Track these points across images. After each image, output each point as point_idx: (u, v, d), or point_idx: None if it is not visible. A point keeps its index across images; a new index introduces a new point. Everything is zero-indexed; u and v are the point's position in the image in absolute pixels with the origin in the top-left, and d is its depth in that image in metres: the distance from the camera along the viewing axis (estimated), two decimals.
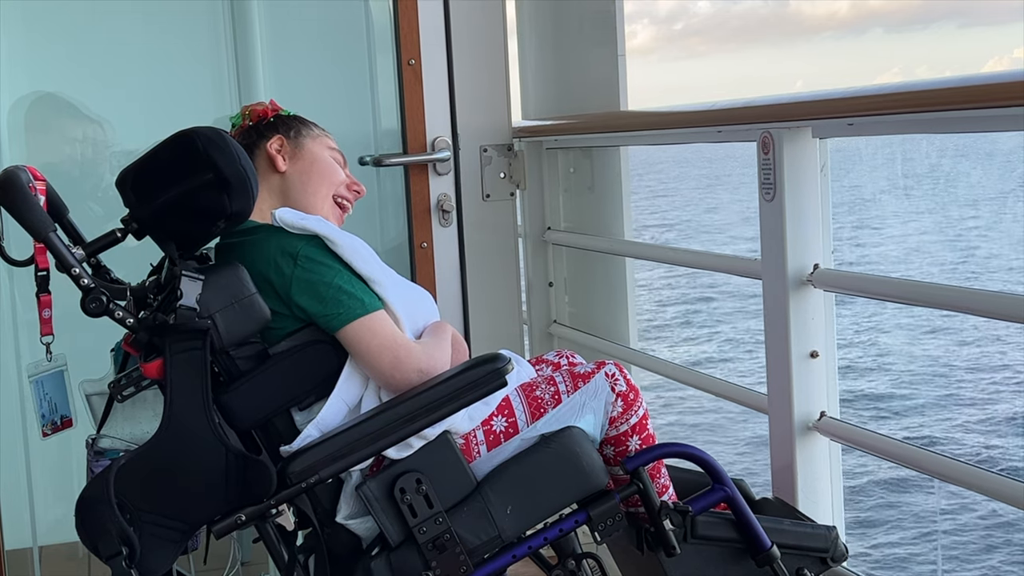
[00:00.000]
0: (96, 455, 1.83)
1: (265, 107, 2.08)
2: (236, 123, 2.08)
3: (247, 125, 2.06)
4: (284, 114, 2.08)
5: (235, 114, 2.10)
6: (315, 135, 2.07)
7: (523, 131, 3.18)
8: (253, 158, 1.99)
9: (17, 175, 1.70)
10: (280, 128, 2.04)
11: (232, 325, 1.73)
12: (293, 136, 2.04)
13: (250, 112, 2.07)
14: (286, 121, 2.06)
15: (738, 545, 1.91)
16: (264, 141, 2.02)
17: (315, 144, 2.05)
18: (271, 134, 2.03)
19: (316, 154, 2.04)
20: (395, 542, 1.78)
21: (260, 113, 2.06)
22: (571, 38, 3.24)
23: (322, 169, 2.04)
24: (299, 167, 2.02)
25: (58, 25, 2.90)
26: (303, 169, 2.02)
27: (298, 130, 2.05)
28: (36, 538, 2.90)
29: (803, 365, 2.17)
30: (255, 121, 2.06)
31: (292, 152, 2.03)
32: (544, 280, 3.32)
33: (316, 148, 2.05)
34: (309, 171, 2.03)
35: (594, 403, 1.89)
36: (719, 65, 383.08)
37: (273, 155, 2.01)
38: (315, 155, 2.04)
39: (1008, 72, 1.64)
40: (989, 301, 1.88)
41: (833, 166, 2.19)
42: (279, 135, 2.03)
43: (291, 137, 2.04)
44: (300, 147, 2.03)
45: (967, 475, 1.91)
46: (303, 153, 2.03)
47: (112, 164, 2.91)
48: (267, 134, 2.03)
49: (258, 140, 2.03)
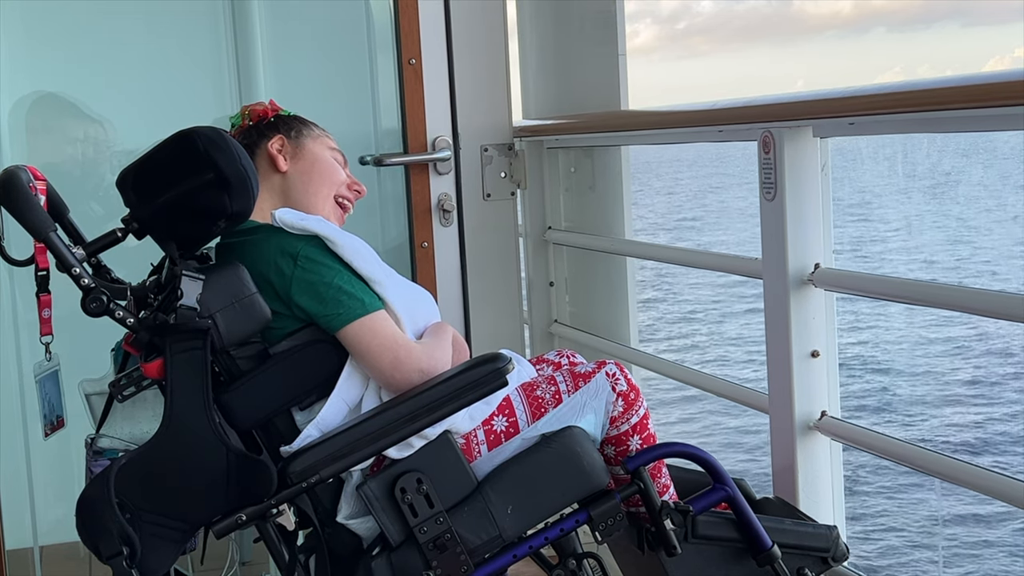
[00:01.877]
0: (95, 455, 1.83)
1: (265, 107, 2.07)
2: (236, 123, 2.07)
3: (247, 125, 2.05)
4: (284, 114, 2.07)
5: (235, 114, 2.10)
6: (316, 135, 2.06)
7: (524, 130, 3.18)
8: (253, 158, 1.99)
9: (18, 175, 1.70)
10: (281, 128, 2.04)
11: (233, 325, 1.73)
12: (294, 136, 2.03)
13: (250, 112, 2.06)
14: (287, 121, 2.06)
15: (739, 545, 1.91)
16: (265, 141, 2.02)
17: (316, 144, 2.05)
18: (272, 134, 2.03)
19: (317, 154, 2.04)
20: (396, 542, 1.78)
21: (260, 113, 2.06)
22: (572, 37, 3.24)
23: (323, 169, 2.03)
24: (300, 167, 2.02)
25: (59, 25, 2.89)
26: (304, 169, 2.02)
27: (299, 130, 2.05)
28: (37, 538, 2.89)
29: (804, 365, 2.17)
30: (255, 121, 2.05)
31: (293, 152, 2.02)
32: (545, 280, 3.32)
33: (317, 148, 2.05)
34: (310, 171, 2.02)
35: (595, 403, 1.89)
36: (721, 64, 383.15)
37: (274, 155, 2.01)
38: (316, 155, 2.04)
39: (1008, 71, 1.64)
40: (991, 301, 1.87)
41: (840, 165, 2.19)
42: (280, 135, 2.03)
43: (292, 137, 2.03)
44: (301, 147, 2.03)
45: (970, 474, 1.91)
46: (304, 153, 2.03)
47: (113, 164, 2.91)
48: (268, 134, 2.03)
49: (259, 140, 2.02)
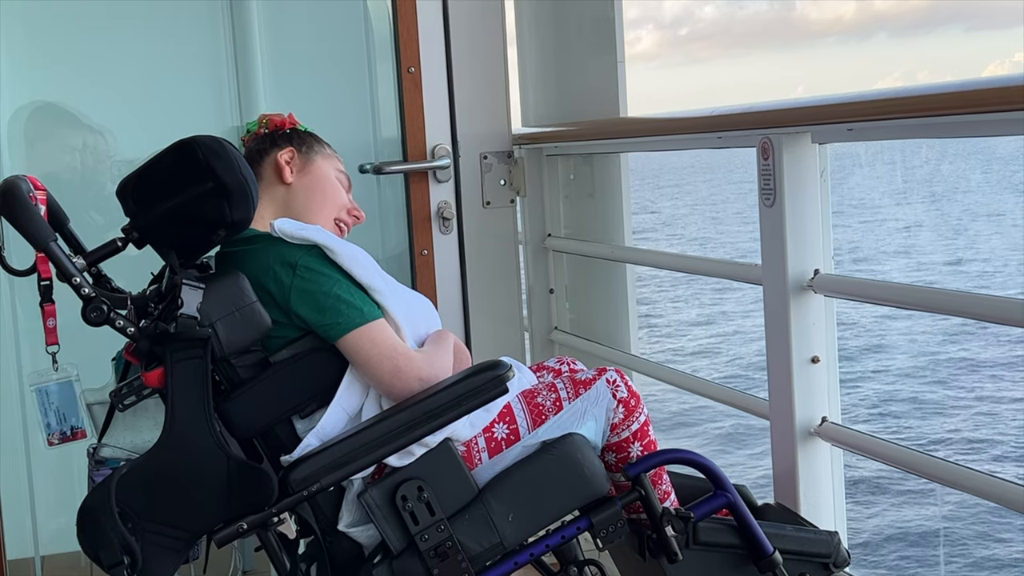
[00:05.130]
0: (97, 464, 1.83)
1: (284, 119, 2.10)
2: (251, 129, 2.09)
3: (262, 132, 2.07)
4: (301, 129, 2.09)
5: (252, 120, 2.12)
6: (327, 154, 2.09)
7: (523, 138, 3.18)
8: (261, 165, 2.01)
9: (18, 185, 1.71)
10: (294, 141, 2.06)
11: (233, 333, 1.74)
12: (305, 151, 2.05)
13: (267, 120, 2.09)
14: (301, 135, 2.08)
15: (740, 551, 1.91)
16: (276, 150, 2.03)
17: (325, 163, 2.07)
18: (284, 144, 2.05)
19: (324, 172, 2.06)
20: (397, 550, 1.78)
21: (277, 123, 2.09)
22: (571, 45, 3.25)
23: (327, 188, 2.05)
24: (306, 182, 2.03)
25: (59, 35, 2.90)
26: (309, 185, 2.03)
27: (311, 146, 2.07)
28: (38, 548, 2.89)
29: (804, 370, 2.17)
30: (271, 130, 2.08)
31: (301, 166, 2.04)
32: (545, 287, 3.32)
33: (325, 167, 2.06)
34: (315, 187, 2.04)
35: (595, 409, 1.89)
36: (722, 70, 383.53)
37: (282, 165, 2.02)
38: (323, 173, 2.05)
39: (1007, 77, 1.64)
40: (990, 305, 1.87)
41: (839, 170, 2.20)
42: (292, 147, 2.05)
43: (303, 152, 2.05)
44: (310, 162, 2.05)
45: (971, 480, 1.91)
46: (312, 169, 2.05)
47: (112, 173, 2.91)
48: (280, 144, 2.05)
49: (270, 148, 2.04)
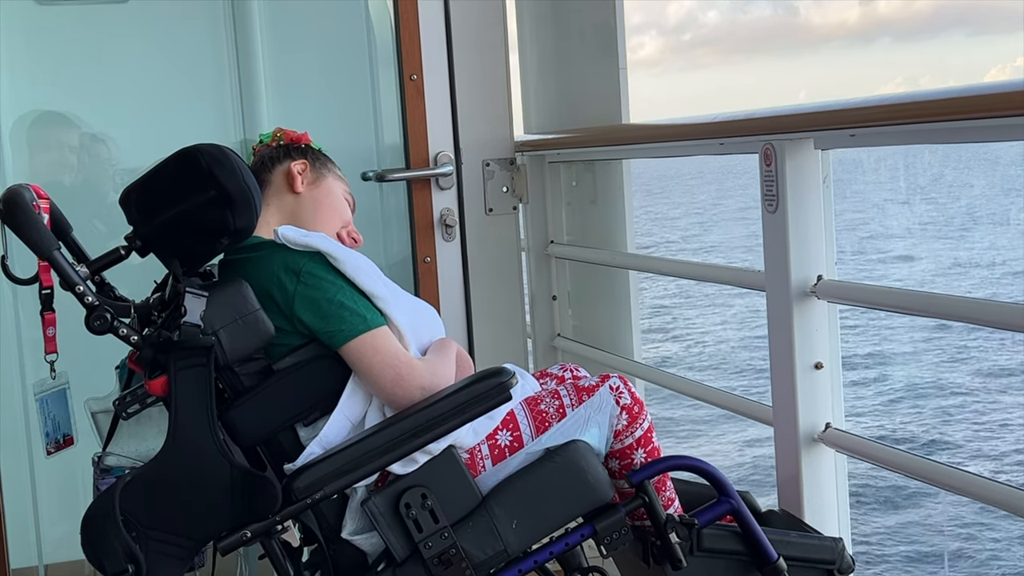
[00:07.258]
0: (102, 472, 1.83)
1: (300, 135, 2.11)
2: (265, 139, 2.10)
3: (276, 144, 2.08)
4: (315, 147, 2.11)
5: (266, 132, 2.13)
6: (338, 175, 2.11)
7: (525, 145, 3.18)
8: (272, 172, 2.02)
9: (21, 194, 1.71)
10: (308, 155, 2.08)
11: (236, 341, 1.74)
12: (318, 167, 2.08)
13: (283, 134, 2.11)
14: (315, 153, 2.10)
15: (744, 558, 1.91)
16: (289, 160, 2.05)
17: (336, 182, 2.09)
18: (298, 156, 2.07)
19: (333, 189, 2.08)
20: (401, 557, 1.78)
21: (293, 138, 2.11)
22: (573, 51, 3.25)
23: (335, 203, 2.07)
24: (315, 194, 2.05)
25: (62, 43, 2.91)
26: (318, 197, 2.04)
27: (324, 163, 2.09)
28: (42, 556, 2.89)
29: (808, 376, 2.16)
30: (287, 142, 2.09)
31: (313, 179, 2.05)
32: (548, 293, 3.32)
33: (335, 185, 2.08)
34: (323, 200, 2.05)
35: (599, 416, 1.89)
36: (725, 76, 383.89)
37: (295, 175, 2.03)
38: (332, 189, 2.07)
39: (1008, 82, 1.64)
40: (994, 311, 1.87)
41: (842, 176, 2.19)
42: (306, 160, 2.06)
43: (315, 167, 2.07)
44: (322, 178, 2.07)
45: (974, 486, 1.90)
46: (323, 183, 2.06)
47: (116, 182, 2.92)
48: (294, 155, 2.07)
49: (283, 158, 2.06)
